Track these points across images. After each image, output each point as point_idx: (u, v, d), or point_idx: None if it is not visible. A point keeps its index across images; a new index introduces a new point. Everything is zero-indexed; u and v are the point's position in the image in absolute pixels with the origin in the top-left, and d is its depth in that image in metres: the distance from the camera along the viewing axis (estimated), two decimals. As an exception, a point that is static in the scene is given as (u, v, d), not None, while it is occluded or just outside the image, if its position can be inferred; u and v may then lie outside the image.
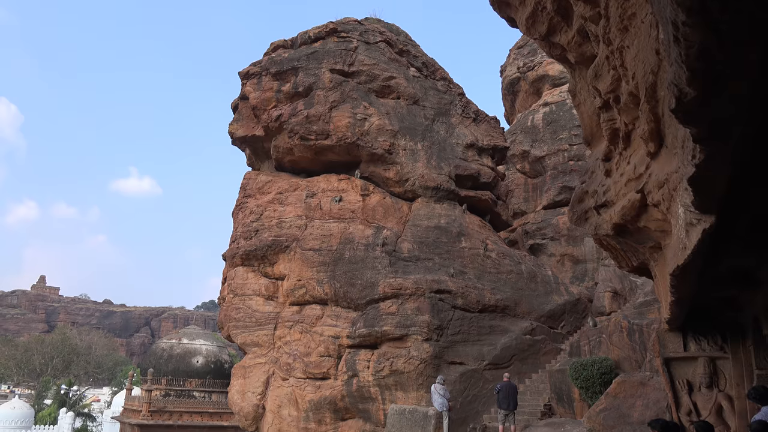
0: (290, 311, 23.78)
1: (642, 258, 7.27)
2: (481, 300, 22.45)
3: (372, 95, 26.85)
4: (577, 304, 25.01)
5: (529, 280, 24.62)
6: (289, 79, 27.19)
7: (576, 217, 7.96)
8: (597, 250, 31.52)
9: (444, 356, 20.98)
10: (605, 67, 5.47)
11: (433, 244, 24.07)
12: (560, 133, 36.21)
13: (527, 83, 41.55)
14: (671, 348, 8.42)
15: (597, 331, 18.09)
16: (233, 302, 24.95)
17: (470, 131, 28.27)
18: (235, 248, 25.83)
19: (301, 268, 23.62)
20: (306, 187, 25.89)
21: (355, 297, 22.32)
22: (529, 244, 34.53)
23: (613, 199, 6.47)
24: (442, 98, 28.55)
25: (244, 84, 28.54)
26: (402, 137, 25.87)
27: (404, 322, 21.15)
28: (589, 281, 31.33)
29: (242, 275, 25.32)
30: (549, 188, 35.45)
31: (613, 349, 16.06)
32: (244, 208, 26.74)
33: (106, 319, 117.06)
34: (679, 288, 5.91)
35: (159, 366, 37.10)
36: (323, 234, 24.02)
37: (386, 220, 24.72)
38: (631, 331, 15.17)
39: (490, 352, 21.43)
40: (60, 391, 53.13)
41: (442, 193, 25.67)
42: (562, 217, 33.25)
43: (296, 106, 26.13)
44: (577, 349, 19.19)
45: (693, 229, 4.55)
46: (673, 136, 4.31)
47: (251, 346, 24.36)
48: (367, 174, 26.13)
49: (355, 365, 21.18)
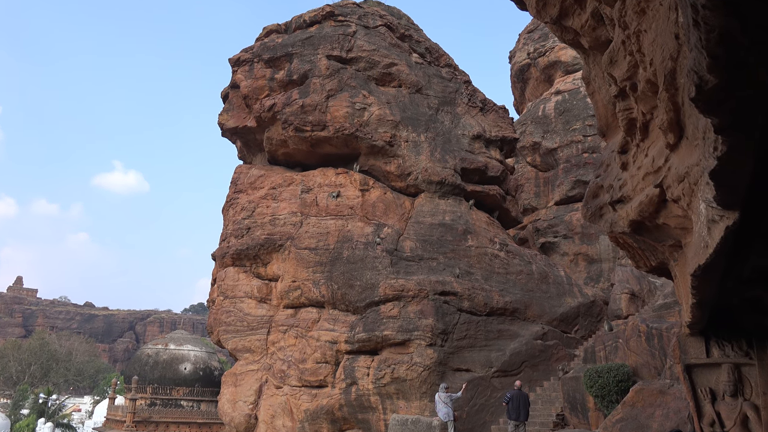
0: (284, 314, 23.83)
1: (661, 257, 7.28)
2: (489, 302, 22.49)
3: (372, 83, 26.85)
4: (591, 307, 25.04)
5: (540, 281, 24.65)
6: (283, 66, 27.19)
7: (590, 213, 7.96)
8: (613, 249, 31.56)
9: (449, 363, 21.02)
10: (621, 53, 5.47)
11: (437, 242, 24.09)
12: (573, 123, 36.20)
13: (538, 70, 41.51)
14: (693, 354, 8.43)
15: (613, 335, 18.12)
16: (223, 305, 25.00)
17: (477, 121, 28.26)
18: (225, 247, 25.88)
19: (295, 268, 23.66)
20: (301, 181, 25.92)
21: (353, 299, 22.35)
22: (541, 242, 34.55)
23: (630, 194, 6.47)
24: (447, 86, 28.54)
25: (235, 71, 28.55)
26: (404, 128, 25.87)
27: (406, 326, 21.19)
28: (604, 282, 31.36)
29: (233, 276, 25.37)
30: (561, 182, 35.45)
31: (630, 355, 16.09)
32: (235, 204, 26.78)
33: (88, 323, 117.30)
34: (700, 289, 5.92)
35: (144, 373, 37.18)
36: (320, 232, 24.05)
37: (387, 216, 24.75)
38: (650, 335, 15.20)
39: (499, 359, 21.47)
40: (38, 401, 53.21)
41: (446, 188, 25.69)
42: (575, 214, 33.28)
43: (290, 95, 26.13)
44: (592, 355, 19.22)
45: (715, 227, 4.56)
46: (694, 127, 4.31)
47: (243, 351, 24.42)
48: (367, 168, 26.14)
49: (353, 372, 21.22)
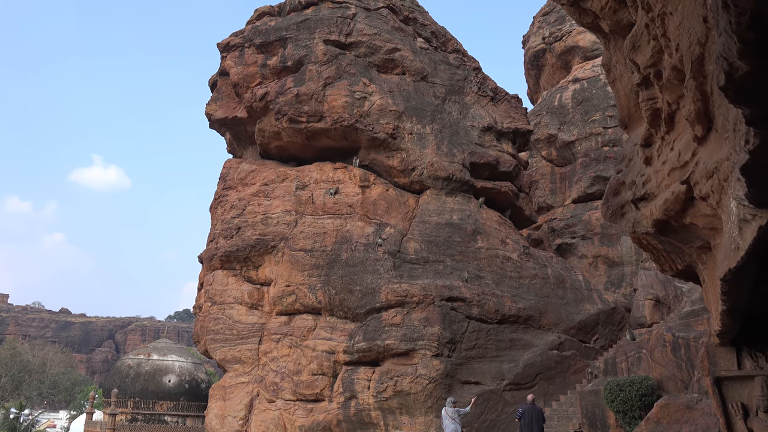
0: (277, 322, 23.86)
1: (688, 260, 7.28)
2: (501, 309, 22.50)
3: (373, 70, 26.85)
4: (612, 314, 25.05)
5: (556, 286, 24.66)
6: (276, 52, 27.21)
7: (611, 212, 7.97)
8: (636, 251, 31.56)
9: (457, 375, 21.04)
10: (644, 37, 5.48)
11: (443, 243, 24.11)
12: (593, 114, 36.18)
13: (554, 56, 41.49)
14: (723, 365, 8.42)
15: (636, 345, 18.11)
16: (211, 312, 25.04)
17: (487, 112, 28.26)
18: (213, 249, 25.92)
19: (290, 271, 23.69)
20: (296, 177, 25.95)
21: (353, 305, 22.37)
22: (557, 243, 34.55)
23: (654, 191, 6.48)
24: (455, 73, 28.54)
25: (224, 57, 28.58)
26: (408, 119, 25.88)
27: (410, 334, 21.21)
28: (626, 287, 31.35)
29: (222, 280, 25.41)
30: (579, 178, 35.44)
31: (654, 367, 16.09)
32: (224, 201, 26.82)
33: (63, 331, 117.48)
34: (731, 295, 5.92)
35: (124, 386, 37.22)
36: (316, 232, 24.08)
37: (389, 215, 24.77)
38: (676, 345, 15.19)
39: (511, 370, 21.48)
40: (9, 416, 53.31)
41: (454, 185, 25.70)
42: (594, 213, 33.27)
43: (284, 83, 26.15)
44: (613, 367, 19.22)
45: (747, 227, 4.56)
46: (724, 118, 4.32)
47: (232, 362, 24.46)
48: (368, 162, 26.15)
49: (353, 385, 21.25)
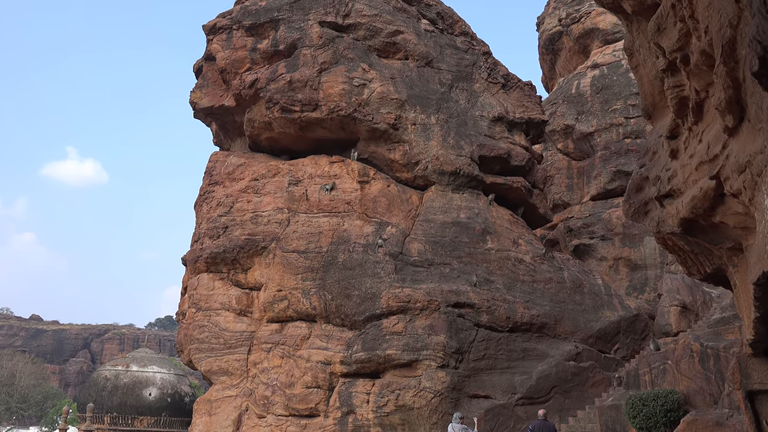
0: (268, 330, 23.86)
1: (718, 263, 7.29)
2: (512, 316, 22.49)
3: (373, 55, 26.84)
4: (634, 322, 25.04)
5: (573, 291, 24.66)
6: (268, 35, 27.19)
7: (633, 210, 7.98)
8: (660, 253, 31.55)
9: (464, 388, 21.04)
10: (671, 19, 5.48)
11: (450, 244, 24.11)
12: (613, 102, 36.17)
13: (571, 39, 41.47)
14: (756, 378, 8.43)
15: (660, 356, 18.11)
16: (196, 319, 25.05)
17: (498, 100, 28.25)
18: (198, 250, 25.92)
19: (281, 275, 23.68)
20: (288, 171, 25.94)
21: (350, 312, 22.37)
22: (574, 244, 34.54)
23: (681, 188, 6.49)
24: (463, 58, 28.52)
25: (210, 41, 28.56)
26: (411, 108, 25.86)
27: (414, 344, 21.21)
28: (650, 292, 31.35)
29: (207, 284, 25.40)
30: (599, 173, 35.43)
31: (681, 380, 16.09)
32: (210, 198, 26.81)
33: (34, 340, 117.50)
34: (765, 300, 5.93)
35: (101, 400, 37.25)
36: (310, 232, 24.07)
37: (391, 213, 24.76)
38: (705, 356, 15.18)
39: (524, 383, 21.48)
40: (-24, 432, 53.40)
41: (461, 180, 25.70)
42: (615, 211, 33.26)
43: (276, 68, 26.14)
44: (635, 380, 19.22)
45: (782, 226, 4.56)
46: (757, 107, 4.32)
47: (219, 374, 24.46)
48: (367, 155, 26.14)
49: (350, 399, 21.26)
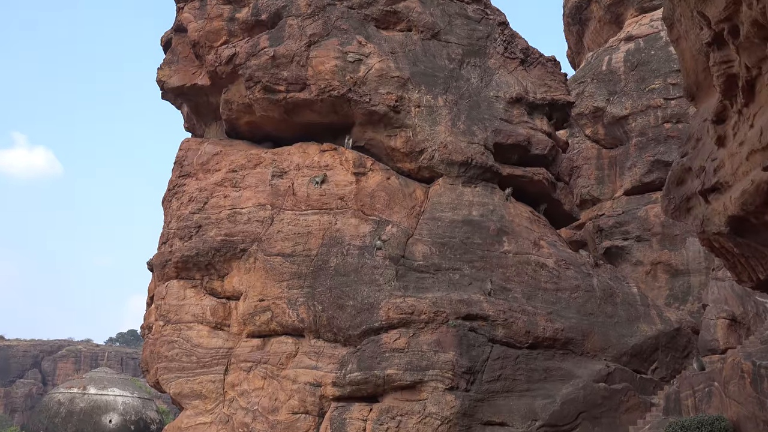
0: (248, 346, 23.82)
1: (772, 268, 7.26)
2: (533, 330, 22.45)
3: (370, 26, 26.75)
4: (675, 337, 24.99)
5: (603, 302, 24.60)
6: (247, 2, 27.11)
7: (673, 206, 7.94)
8: (705, 257, 31.46)
9: (477, 413, 21.00)
10: (718, -18, 5.44)
11: (460, 246, 24.05)
12: (651, 81, 36.09)
13: (601, 7, 41.39)
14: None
15: (706, 377, 18.10)
16: (164, 333, 25.00)
17: (516, 79, 28.18)
18: (166, 253, 25.86)
19: (264, 282, 23.63)
20: (272, 161, 25.87)
21: (344, 325, 22.33)
22: (605, 246, 34.48)
23: (729, 180, 6.44)
24: (475, 30, 28.44)
25: (181, 9, 28.49)
26: (415, 88, 25.80)
27: (418, 362, 21.17)
28: (693, 303, 31.30)
29: (177, 293, 25.34)
30: (634, 164, 35.36)
31: (730, 404, 16.07)
32: (181, 193, 26.74)
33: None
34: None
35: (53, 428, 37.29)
36: (297, 232, 24.01)
37: (391, 210, 24.70)
38: (758, 377, 15.16)
39: (546, 408, 21.45)
40: None
41: (473, 171, 25.63)
42: (653, 207, 33.18)
43: (257, 41, 26.06)
44: (677, 404, 19.22)
45: None
46: (819, 86, 4.28)
47: (191, 397, 24.42)
48: (363, 143, 26.08)
49: (344, 426, 21.22)
